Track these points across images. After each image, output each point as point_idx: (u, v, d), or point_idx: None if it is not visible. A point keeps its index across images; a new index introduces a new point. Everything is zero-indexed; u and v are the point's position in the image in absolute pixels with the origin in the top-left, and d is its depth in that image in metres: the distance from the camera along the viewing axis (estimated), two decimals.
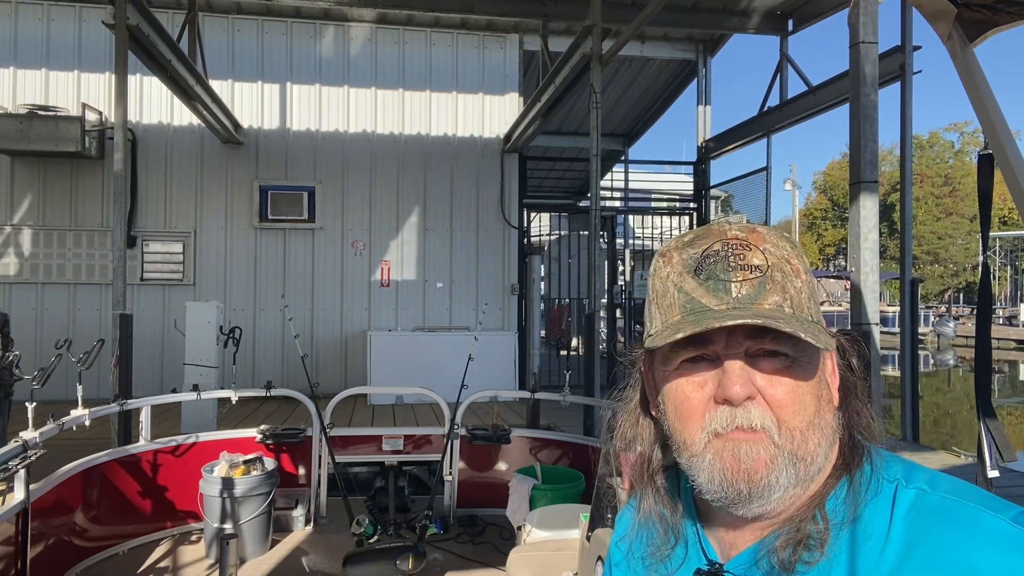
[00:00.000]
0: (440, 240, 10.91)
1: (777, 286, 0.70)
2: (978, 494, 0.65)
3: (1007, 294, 47.77)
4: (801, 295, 0.70)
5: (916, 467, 0.70)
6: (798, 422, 0.69)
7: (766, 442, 0.69)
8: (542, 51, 9.01)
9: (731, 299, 0.70)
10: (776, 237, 0.73)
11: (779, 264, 0.71)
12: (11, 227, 9.80)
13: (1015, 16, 1.46)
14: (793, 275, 0.71)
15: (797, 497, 0.71)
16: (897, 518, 0.65)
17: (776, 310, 0.69)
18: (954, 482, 0.67)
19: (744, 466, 0.69)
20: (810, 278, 0.72)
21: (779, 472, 0.68)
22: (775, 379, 0.69)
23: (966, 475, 0.87)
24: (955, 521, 0.62)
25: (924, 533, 0.63)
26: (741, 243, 0.72)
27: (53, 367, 3.73)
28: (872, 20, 4.41)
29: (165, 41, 7.02)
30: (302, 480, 5.26)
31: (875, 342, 4.40)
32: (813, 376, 0.70)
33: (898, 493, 0.67)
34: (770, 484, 0.68)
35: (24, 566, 3.31)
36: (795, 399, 0.69)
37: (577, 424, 7.41)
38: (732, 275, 0.70)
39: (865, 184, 4.50)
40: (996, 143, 1.52)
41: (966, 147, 47.49)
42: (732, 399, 0.69)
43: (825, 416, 0.71)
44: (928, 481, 0.67)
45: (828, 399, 0.72)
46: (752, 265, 0.70)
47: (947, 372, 25.83)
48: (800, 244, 0.76)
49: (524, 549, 3.56)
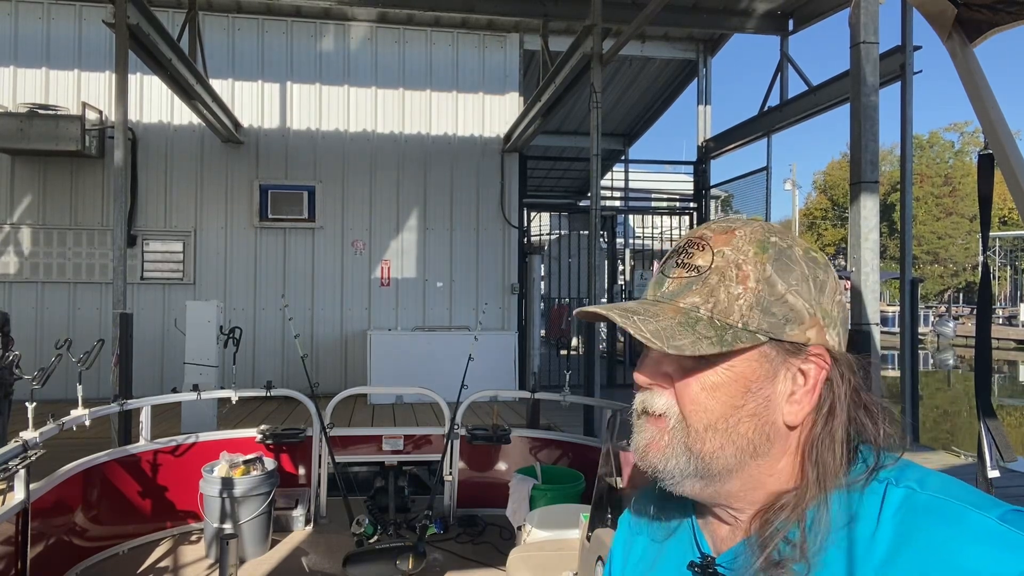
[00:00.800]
0: (440, 240, 10.91)
1: (706, 288, 0.71)
2: (968, 493, 0.65)
3: (1007, 294, 47.77)
4: (737, 301, 0.70)
5: (909, 467, 0.70)
6: (694, 421, 0.70)
7: (663, 429, 0.73)
8: (542, 51, 9.01)
9: (659, 292, 0.74)
10: (746, 241, 0.72)
11: (723, 268, 0.71)
12: (11, 226, 9.80)
13: (1015, 16, 1.46)
14: (736, 280, 0.70)
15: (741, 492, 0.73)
16: (885, 517, 0.65)
17: (686, 310, 0.71)
18: (945, 481, 0.67)
19: (639, 445, 0.74)
20: (766, 287, 0.70)
21: (669, 460, 0.72)
22: (683, 376, 0.71)
23: (966, 475, 0.86)
24: (942, 519, 0.62)
25: (912, 531, 0.63)
26: (700, 243, 0.73)
27: (53, 367, 3.73)
28: (872, 20, 4.40)
29: (165, 40, 7.02)
30: (302, 480, 5.26)
31: (875, 342, 4.39)
32: (730, 384, 0.70)
33: (887, 492, 0.67)
34: (660, 468, 0.72)
35: (24, 566, 3.31)
36: (694, 399, 0.71)
37: (577, 424, 7.41)
38: (673, 271, 0.74)
39: (865, 184, 4.49)
40: (996, 143, 1.52)
41: (966, 147, 47.48)
42: (637, 383, 0.75)
43: (740, 427, 0.70)
44: (918, 480, 0.67)
45: (754, 412, 0.70)
46: (694, 265, 0.72)
47: (947, 372, 25.83)
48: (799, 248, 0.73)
49: (524, 549, 3.56)
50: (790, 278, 0.71)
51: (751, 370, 0.70)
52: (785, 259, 0.71)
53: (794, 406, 0.71)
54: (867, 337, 4.30)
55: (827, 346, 0.72)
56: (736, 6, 10.18)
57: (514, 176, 11.15)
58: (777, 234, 0.74)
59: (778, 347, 0.70)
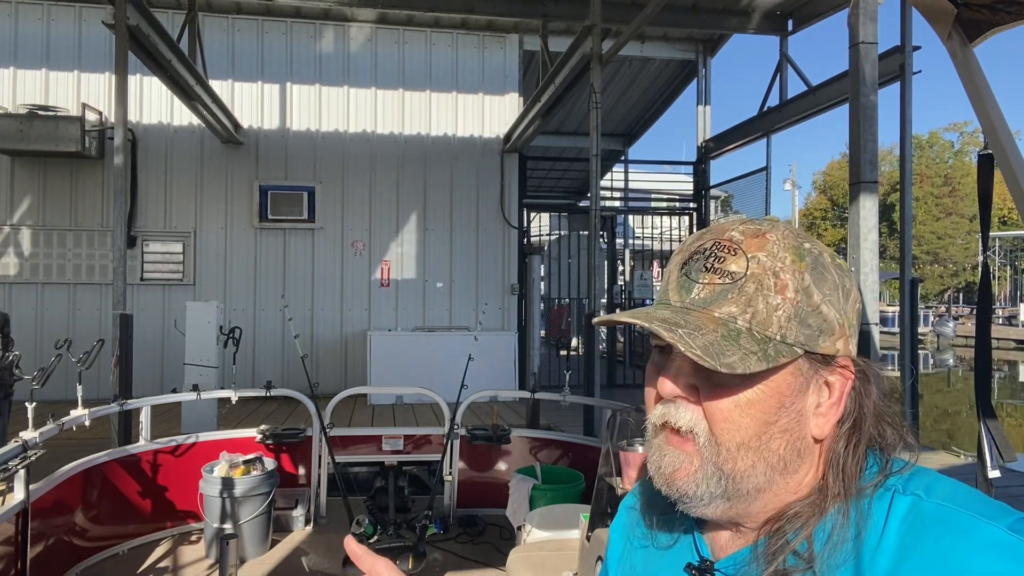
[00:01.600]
0: (440, 240, 10.91)
1: (743, 297, 0.67)
2: (976, 500, 0.63)
3: (1007, 294, 47.78)
4: (776, 312, 0.66)
5: (918, 474, 0.68)
6: (727, 439, 0.67)
7: (691, 451, 0.68)
8: (542, 51, 9.01)
9: (688, 299, 0.69)
10: (781, 247, 0.68)
11: (760, 275, 0.67)
12: (11, 227, 9.80)
13: (1015, 16, 1.46)
14: (774, 290, 0.67)
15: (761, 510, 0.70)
16: (891, 526, 0.64)
17: (724, 321, 0.66)
18: (954, 488, 0.65)
19: (664, 471, 0.70)
20: (805, 297, 0.67)
21: (699, 484, 0.68)
22: (716, 391, 0.67)
23: (966, 475, 0.87)
24: (949, 528, 0.60)
25: (917, 541, 0.61)
26: (731, 246, 0.69)
27: (53, 367, 3.74)
28: (872, 20, 4.40)
29: (165, 41, 7.02)
30: (302, 480, 5.26)
31: (875, 342, 4.39)
32: (765, 399, 0.67)
33: (893, 500, 0.65)
34: (689, 494, 0.69)
35: (24, 566, 3.31)
36: (728, 417, 0.67)
37: (577, 424, 7.41)
38: (702, 276, 0.69)
39: (865, 184, 4.49)
40: (996, 143, 1.52)
41: (966, 147, 47.48)
42: (661, 393, 0.70)
43: (772, 443, 0.67)
44: (925, 488, 0.65)
45: (786, 428, 0.68)
46: (727, 271, 0.68)
47: (947, 372, 25.84)
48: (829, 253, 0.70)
49: (524, 549, 3.56)
50: (824, 288, 0.68)
51: (786, 384, 0.67)
52: (820, 268, 0.68)
53: (820, 419, 0.69)
54: (867, 337, 4.30)
55: (851, 356, 0.70)
56: (736, 6, 10.18)
57: (514, 176, 11.15)
58: (808, 240, 0.71)
59: (810, 359, 0.68)
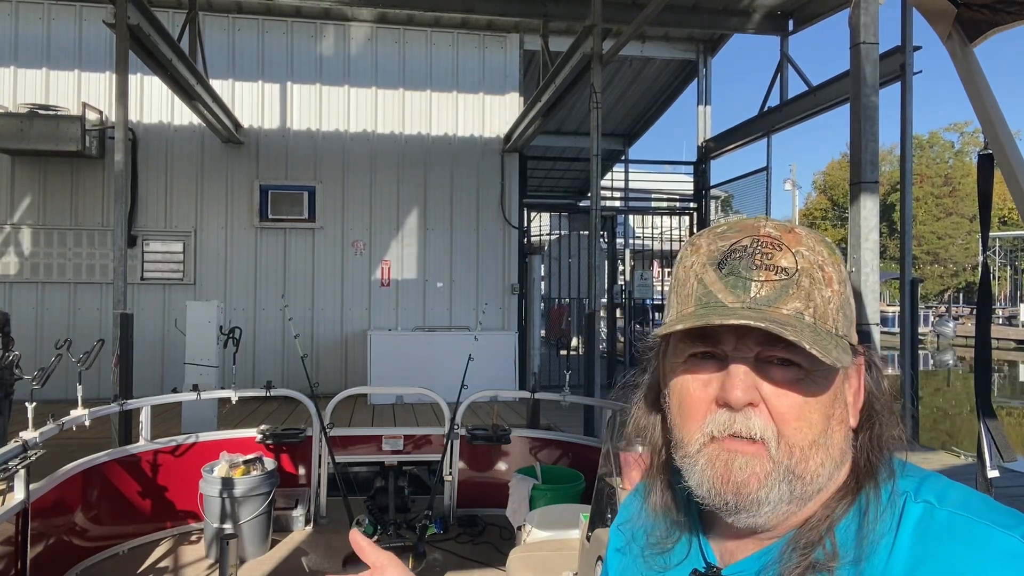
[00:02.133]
0: (440, 240, 10.91)
1: (802, 292, 0.66)
2: (988, 508, 0.62)
3: (1007, 294, 47.77)
4: (829, 305, 0.67)
5: (929, 479, 0.68)
6: (799, 439, 0.66)
7: (763, 456, 0.66)
8: (542, 51, 9.01)
9: (748, 298, 0.67)
10: (814, 241, 0.69)
11: (809, 269, 0.67)
12: (11, 226, 9.80)
13: (1015, 16, 1.46)
14: (824, 283, 0.67)
15: (792, 513, 0.69)
16: (903, 533, 0.63)
17: (794, 317, 0.65)
18: (966, 495, 0.65)
19: (735, 478, 0.67)
20: (844, 288, 0.68)
21: (771, 488, 0.66)
22: (782, 390, 0.66)
23: (966, 475, 0.87)
24: (962, 538, 0.60)
25: (931, 549, 0.61)
26: (772, 242, 0.68)
27: (53, 367, 3.74)
28: (873, 21, 4.40)
29: (166, 41, 7.02)
30: (302, 480, 5.26)
31: (875, 342, 4.40)
32: (826, 392, 0.67)
33: (905, 507, 0.64)
34: (759, 500, 0.66)
35: (24, 566, 3.31)
36: (800, 414, 0.66)
37: (577, 424, 7.41)
38: (755, 274, 0.67)
39: (865, 184, 4.49)
40: (996, 143, 1.52)
41: (966, 147, 47.48)
42: (732, 403, 0.66)
43: (834, 437, 0.67)
44: (937, 495, 0.64)
45: (841, 419, 0.68)
46: (779, 266, 0.67)
47: (947, 372, 25.83)
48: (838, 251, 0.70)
49: (524, 549, 3.56)
50: (845, 284, 0.70)
51: (835, 375, 0.68)
52: (838, 263, 0.70)
53: (852, 408, 0.70)
54: (867, 337, 4.31)
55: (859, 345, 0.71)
56: (736, 6, 10.18)
57: (514, 176, 11.15)
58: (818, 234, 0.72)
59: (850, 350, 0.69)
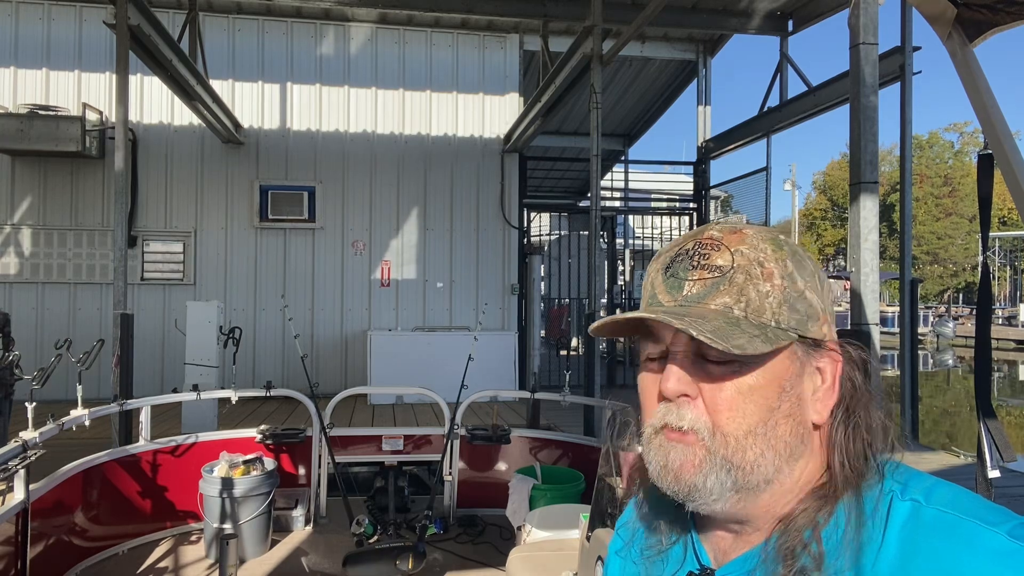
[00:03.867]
0: (440, 240, 10.91)
1: (734, 287, 0.69)
2: (976, 505, 0.63)
3: (1006, 294, 47.77)
4: (767, 299, 0.69)
5: (916, 477, 0.68)
6: (733, 429, 0.67)
7: (695, 445, 0.68)
8: (542, 51, 9.01)
9: (681, 296, 0.71)
10: (759, 239, 0.71)
11: (746, 266, 0.69)
12: (11, 227, 9.80)
13: (1015, 16, 1.46)
14: (762, 278, 0.69)
15: (760, 505, 0.70)
16: (891, 532, 0.64)
17: (721, 311, 0.68)
18: (954, 493, 0.65)
19: (672, 466, 0.70)
20: (791, 283, 0.70)
21: (707, 476, 0.68)
22: (716, 383, 0.68)
23: (966, 475, 0.86)
24: (949, 536, 0.61)
25: (918, 548, 0.62)
26: (712, 243, 0.72)
27: (53, 367, 3.74)
28: (872, 21, 4.40)
29: (166, 41, 7.02)
30: (302, 480, 5.26)
31: (875, 342, 4.39)
32: (765, 385, 0.68)
33: (893, 505, 0.65)
34: (698, 486, 0.68)
35: (24, 566, 3.31)
36: (733, 405, 0.68)
37: (577, 424, 7.42)
38: (690, 274, 0.71)
39: (865, 185, 4.49)
40: (996, 143, 1.52)
41: (966, 147, 47.51)
42: (665, 395, 0.70)
43: (778, 429, 0.68)
44: (925, 493, 0.65)
45: (789, 413, 0.69)
46: (714, 265, 0.70)
47: (946, 372, 25.84)
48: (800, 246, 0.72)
49: (524, 549, 3.56)
50: (805, 274, 0.71)
51: (783, 368, 0.69)
52: (798, 256, 0.72)
53: (818, 404, 0.71)
54: (867, 337, 4.30)
55: (836, 340, 0.72)
56: (736, 6, 10.18)
57: (514, 176, 11.15)
58: (782, 234, 0.74)
59: (803, 344, 0.70)
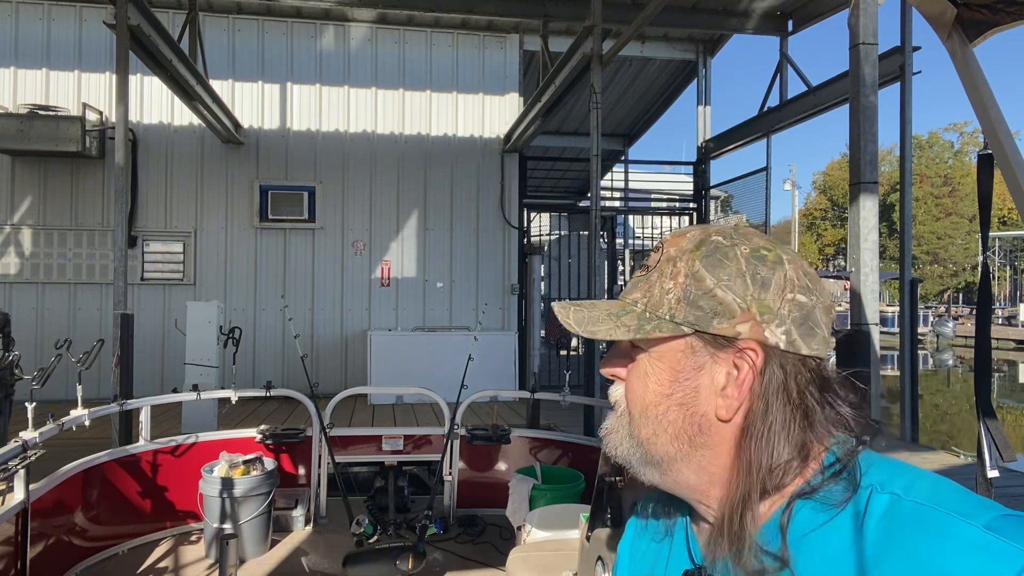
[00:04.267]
0: (440, 240, 10.91)
1: (648, 284, 0.76)
2: (956, 498, 0.63)
3: (1006, 294, 47.78)
4: (667, 295, 0.73)
5: (897, 470, 0.68)
6: (633, 408, 0.76)
7: (616, 417, 0.79)
8: (542, 51, 9.01)
9: (622, 291, 0.81)
10: (689, 240, 0.75)
11: (663, 265, 0.75)
12: (11, 227, 9.80)
13: (1015, 16, 1.46)
14: (669, 276, 0.74)
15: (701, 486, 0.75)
16: (868, 525, 0.64)
17: (629, 304, 0.76)
18: (934, 485, 0.65)
19: (604, 432, 0.81)
20: (695, 282, 0.72)
21: (619, 444, 0.78)
22: (629, 366, 0.77)
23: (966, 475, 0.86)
24: (925, 529, 0.60)
25: (894, 541, 0.62)
26: (660, 245, 0.79)
27: (53, 367, 3.74)
28: (872, 22, 4.41)
29: (166, 41, 7.02)
30: (302, 480, 5.26)
31: (874, 342, 4.39)
32: (659, 372, 0.74)
33: (871, 499, 0.65)
34: (617, 453, 0.78)
35: (24, 566, 3.31)
36: (632, 387, 0.77)
37: (577, 424, 7.42)
38: (635, 273, 0.80)
39: (865, 185, 4.50)
40: (996, 143, 1.52)
41: (965, 147, 47.53)
42: (603, 373, 0.82)
43: (669, 414, 0.73)
44: (904, 486, 0.65)
45: (682, 402, 0.73)
46: (647, 265, 0.78)
47: (946, 372, 25.84)
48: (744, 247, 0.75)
49: (524, 549, 3.56)
50: (721, 273, 0.72)
51: (676, 360, 0.73)
52: (719, 255, 0.73)
53: (725, 400, 0.71)
54: (867, 337, 4.31)
55: (764, 341, 0.70)
56: (736, 7, 10.18)
57: (514, 176, 11.15)
58: (724, 234, 0.74)
59: (705, 339, 0.72)
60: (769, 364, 0.71)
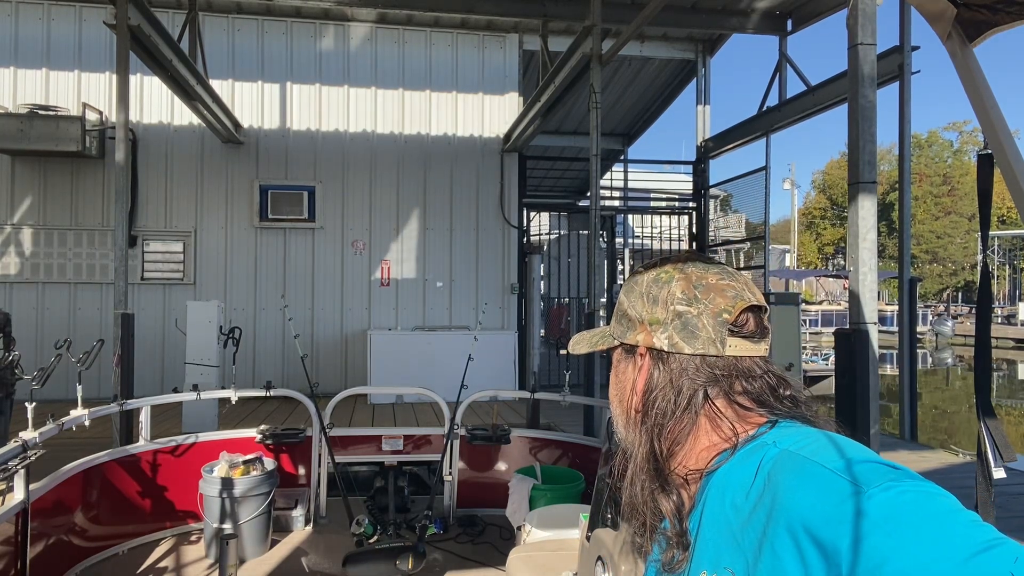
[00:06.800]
0: (440, 239, 10.91)
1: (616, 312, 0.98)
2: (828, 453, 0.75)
3: (1006, 293, 47.77)
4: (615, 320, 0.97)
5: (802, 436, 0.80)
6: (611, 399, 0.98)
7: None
8: (542, 51, 9.01)
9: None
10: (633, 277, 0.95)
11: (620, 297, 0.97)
12: (11, 227, 9.80)
13: (1015, 16, 1.46)
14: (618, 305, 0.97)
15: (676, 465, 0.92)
16: (761, 472, 0.79)
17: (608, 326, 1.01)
18: (819, 444, 0.78)
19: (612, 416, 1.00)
20: (620, 306, 0.95)
21: (617, 426, 0.97)
22: None
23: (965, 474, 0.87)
24: (791, 469, 0.76)
25: (770, 480, 0.77)
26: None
27: (53, 367, 3.74)
28: (870, 21, 4.40)
29: (166, 41, 7.02)
30: (302, 480, 5.26)
31: (873, 341, 4.39)
32: (617, 373, 0.97)
33: (766, 453, 0.80)
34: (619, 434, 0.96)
35: (24, 566, 3.31)
36: (611, 384, 0.98)
37: (577, 424, 7.43)
38: None
39: (863, 184, 4.49)
40: (995, 143, 1.52)
41: (965, 146, 47.55)
42: None
43: (623, 404, 0.95)
44: (795, 444, 0.79)
45: (619, 396, 0.96)
46: None
47: (945, 371, 25.85)
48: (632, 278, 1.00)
49: (524, 549, 3.56)
50: (631, 297, 0.94)
51: (617, 364, 0.97)
52: (632, 283, 0.95)
53: (634, 394, 0.93)
54: (865, 336, 4.31)
55: (652, 346, 0.89)
56: (735, 6, 10.19)
57: (514, 176, 11.15)
58: (647, 268, 0.94)
59: (625, 348, 0.95)
60: (657, 364, 0.90)
